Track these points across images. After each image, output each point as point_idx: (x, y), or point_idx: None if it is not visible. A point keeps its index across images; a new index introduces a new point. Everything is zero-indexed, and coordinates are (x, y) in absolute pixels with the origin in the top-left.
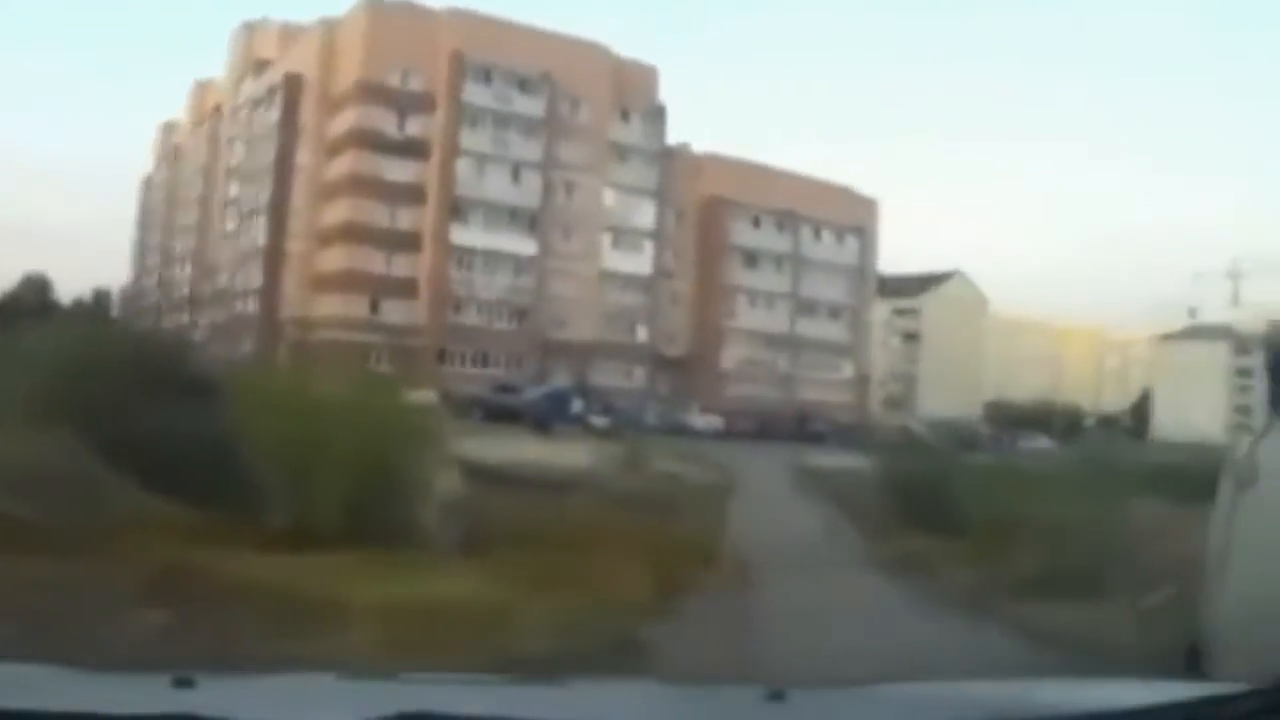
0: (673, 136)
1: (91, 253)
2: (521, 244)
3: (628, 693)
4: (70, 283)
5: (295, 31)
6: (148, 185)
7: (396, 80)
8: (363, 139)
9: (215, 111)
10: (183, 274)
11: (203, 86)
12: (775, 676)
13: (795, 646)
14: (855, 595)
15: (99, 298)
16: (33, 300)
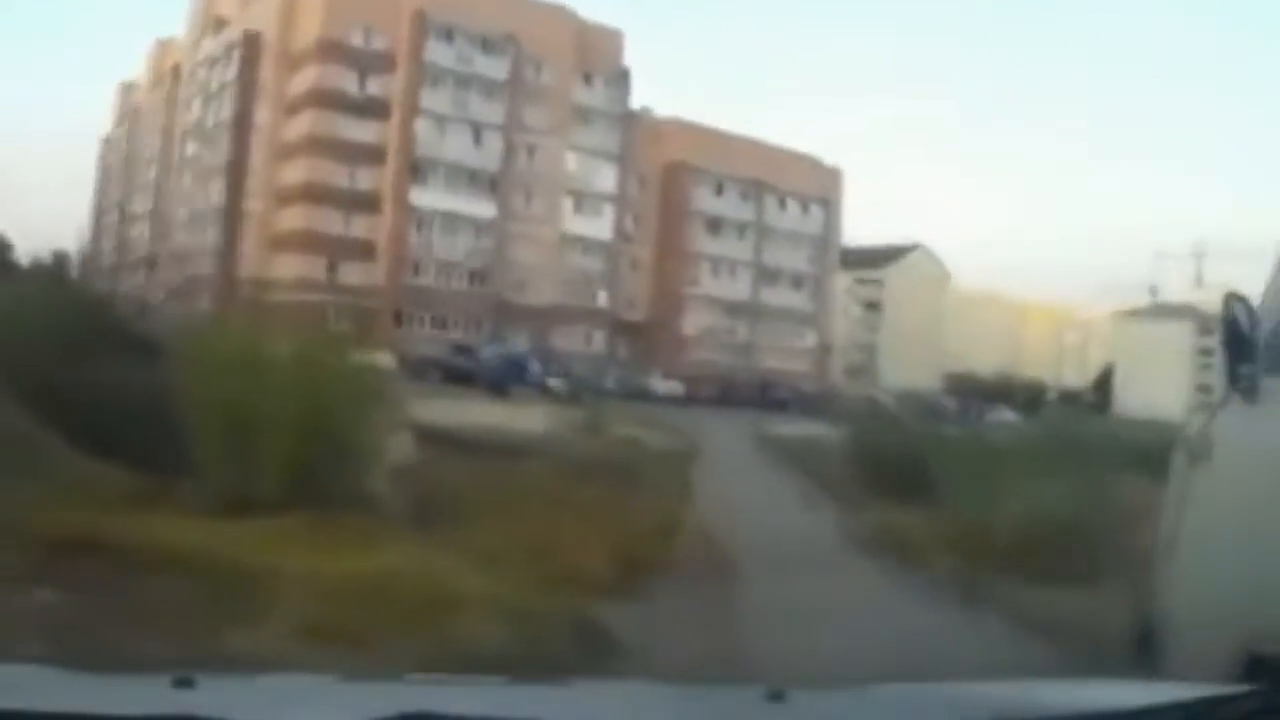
0: (637, 102)
1: (55, 213)
2: (481, 206)
3: (627, 693)
4: (33, 242)
5: None
6: (107, 145)
7: (357, 39)
8: (322, 98)
9: (174, 71)
10: (141, 234)
11: (163, 46)
12: (762, 673)
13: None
14: (836, 574)
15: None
16: None
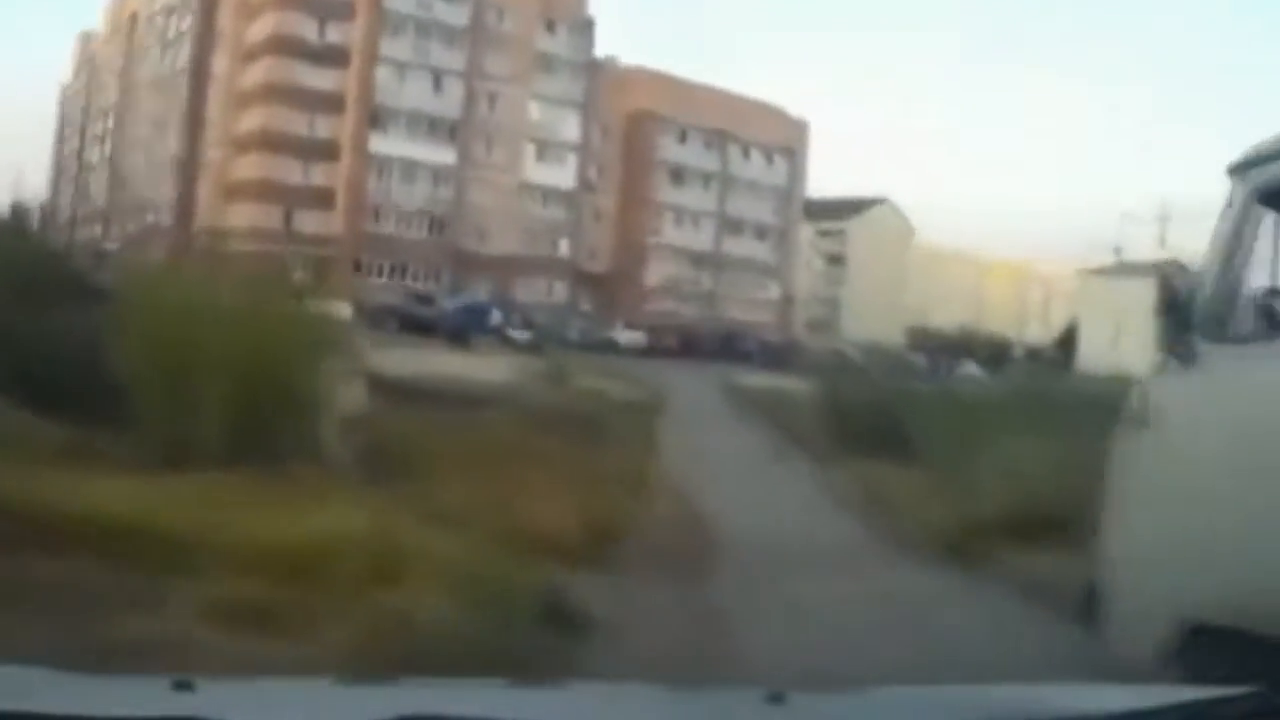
0: (601, 52)
1: (15, 165)
2: (442, 154)
3: (626, 695)
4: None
5: None
6: (65, 96)
7: None
8: (281, 45)
9: (132, 19)
10: (99, 185)
11: None
12: (748, 650)
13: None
14: (817, 534)
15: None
16: None
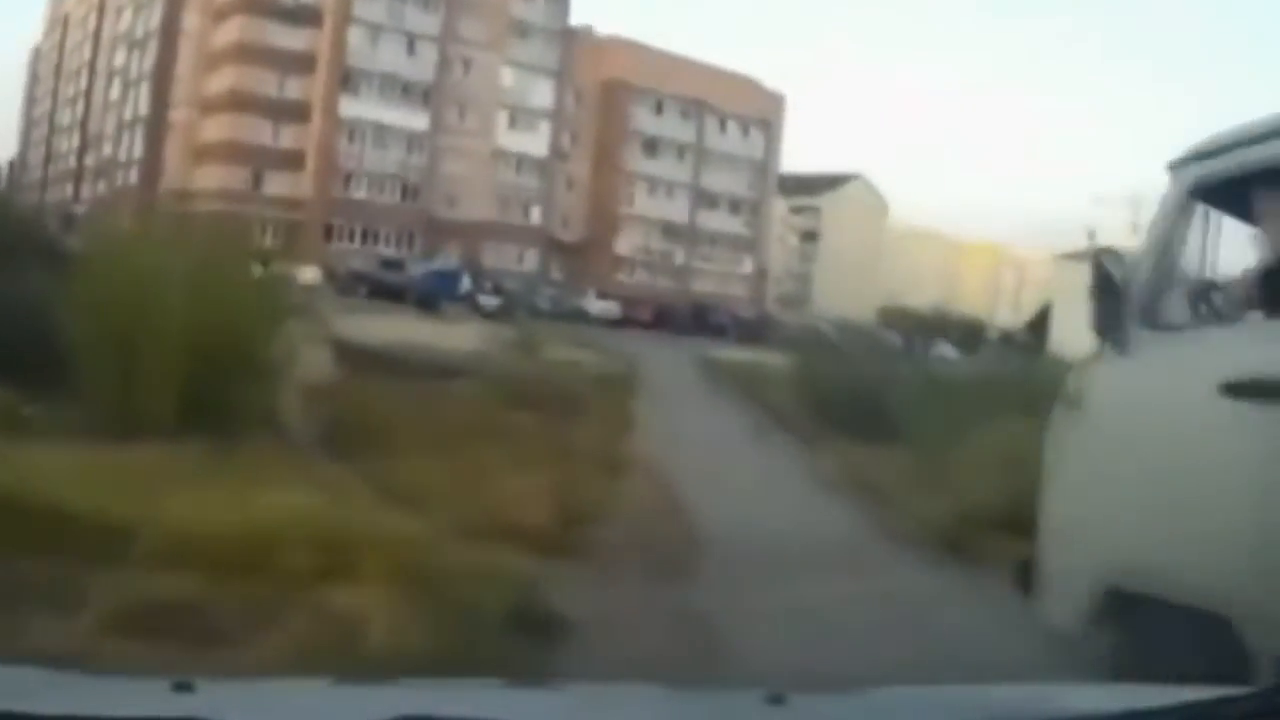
0: (577, 20)
1: None
2: (414, 118)
3: (626, 695)
4: None
5: None
6: (36, 55)
7: None
8: (252, 4)
9: None
10: (70, 146)
11: None
12: (738, 649)
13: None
14: (808, 521)
15: None
16: None
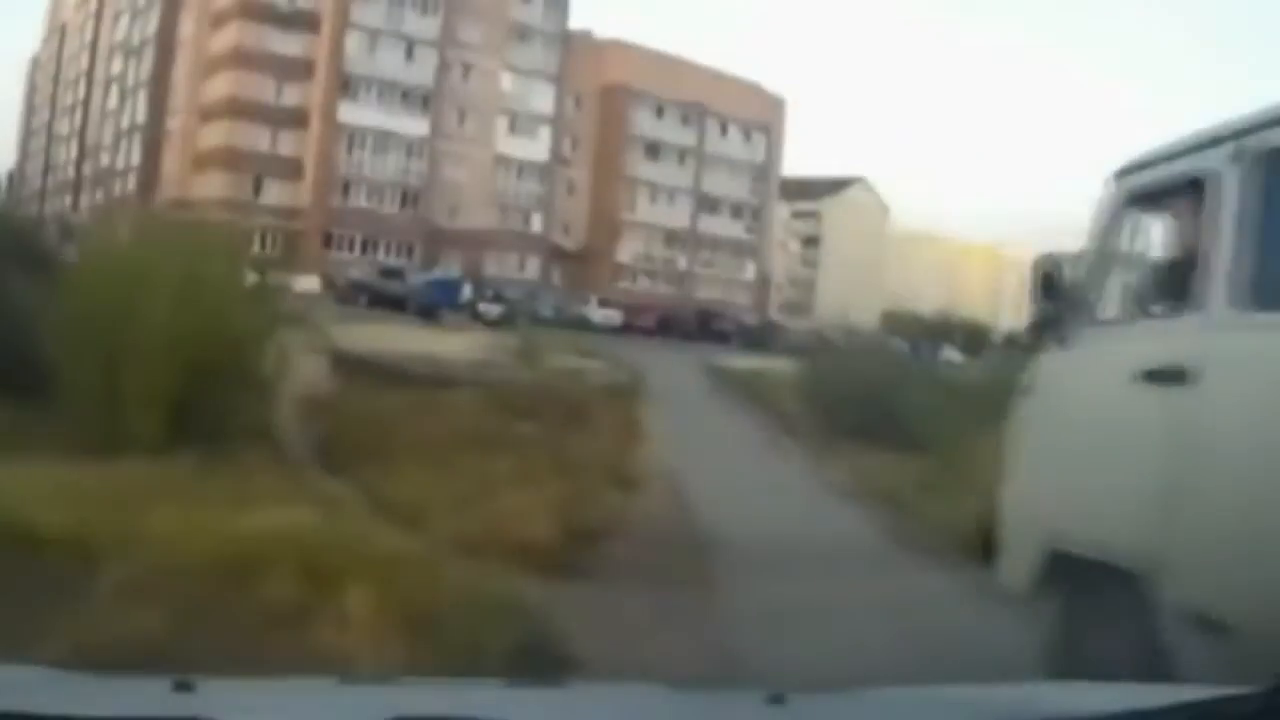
0: (576, 25)
1: None
2: (414, 125)
3: (625, 696)
4: None
5: None
6: (35, 64)
7: None
8: (249, 10)
9: None
10: (68, 155)
11: None
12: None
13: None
14: (825, 534)
15: None
16: None
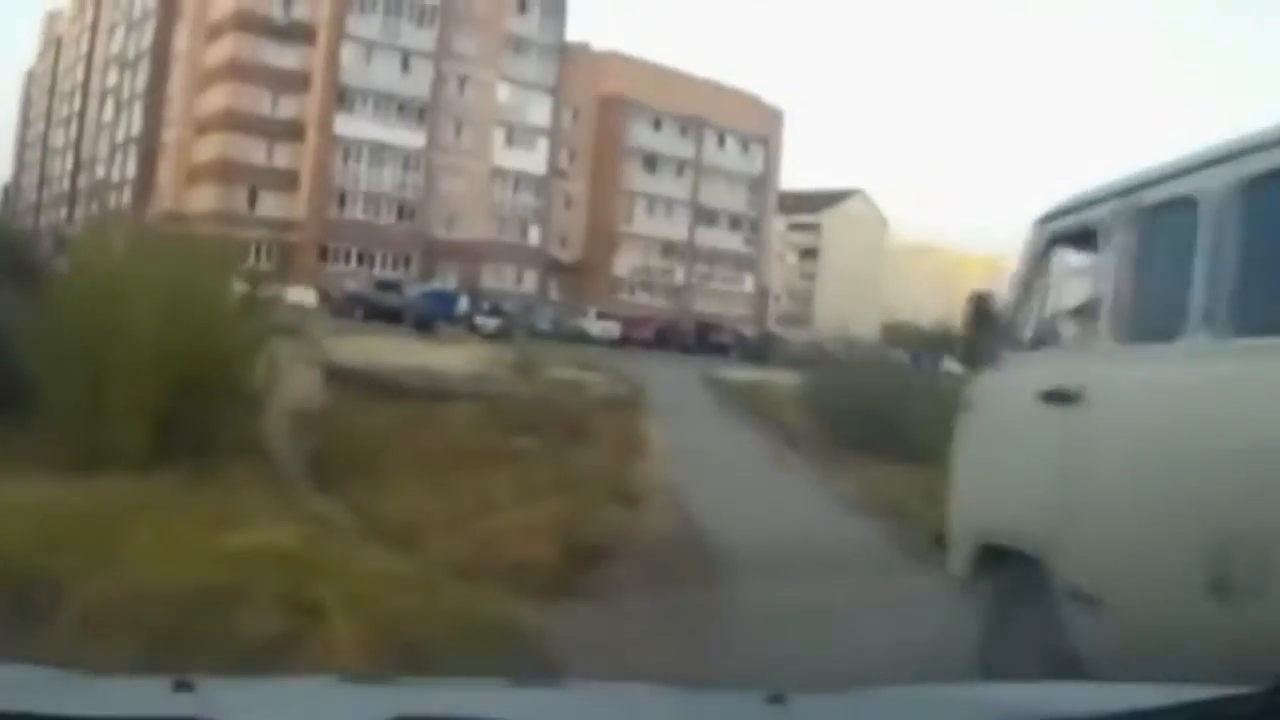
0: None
1: None
2: (410, 137)
3: (626, 695)
4: None
5: None
6: (30, 78)
7: None
8: (245, 22)
9: None
10: (63, 167)
11: None
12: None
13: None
14: (839, 552)
15: None
16: None
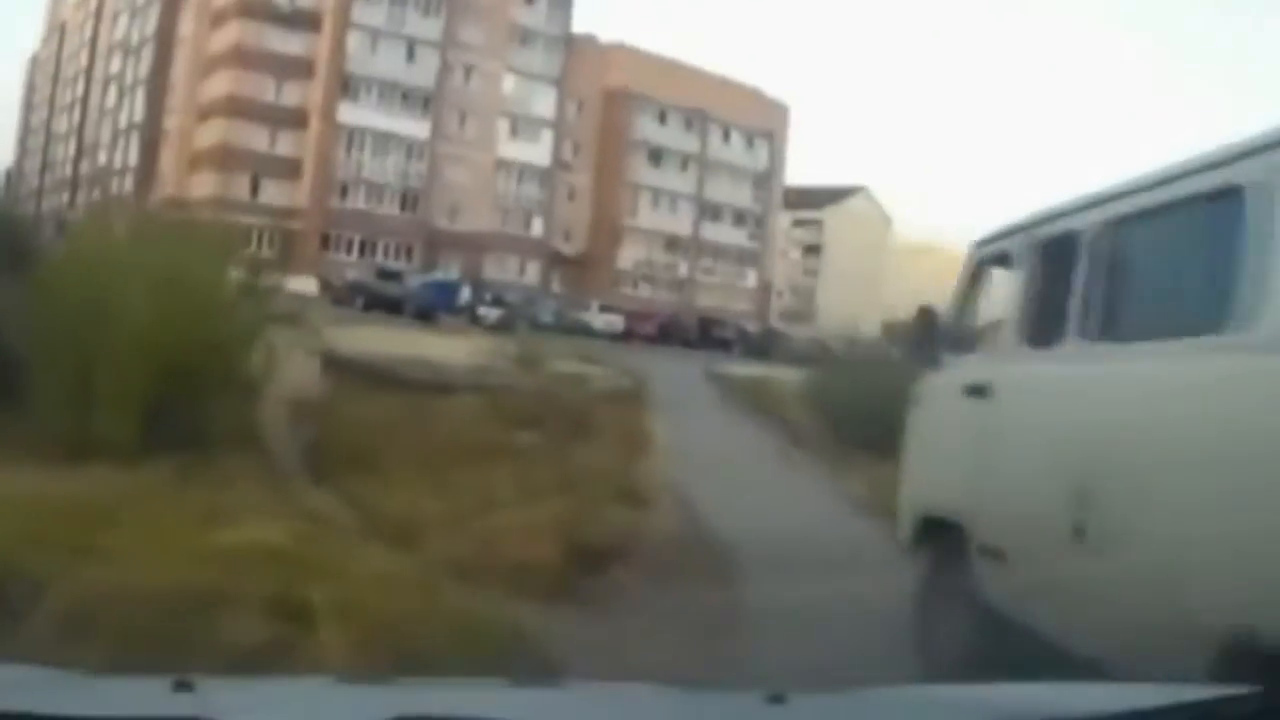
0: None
1: None
2: (414, 126)
3: (626, 695)
4: None
5: None
6: (34, 63)
7: None
8: (249, 8)
9: None
10: (65, 153)
11: None
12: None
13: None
14: (855, 555)
15: None
16: None
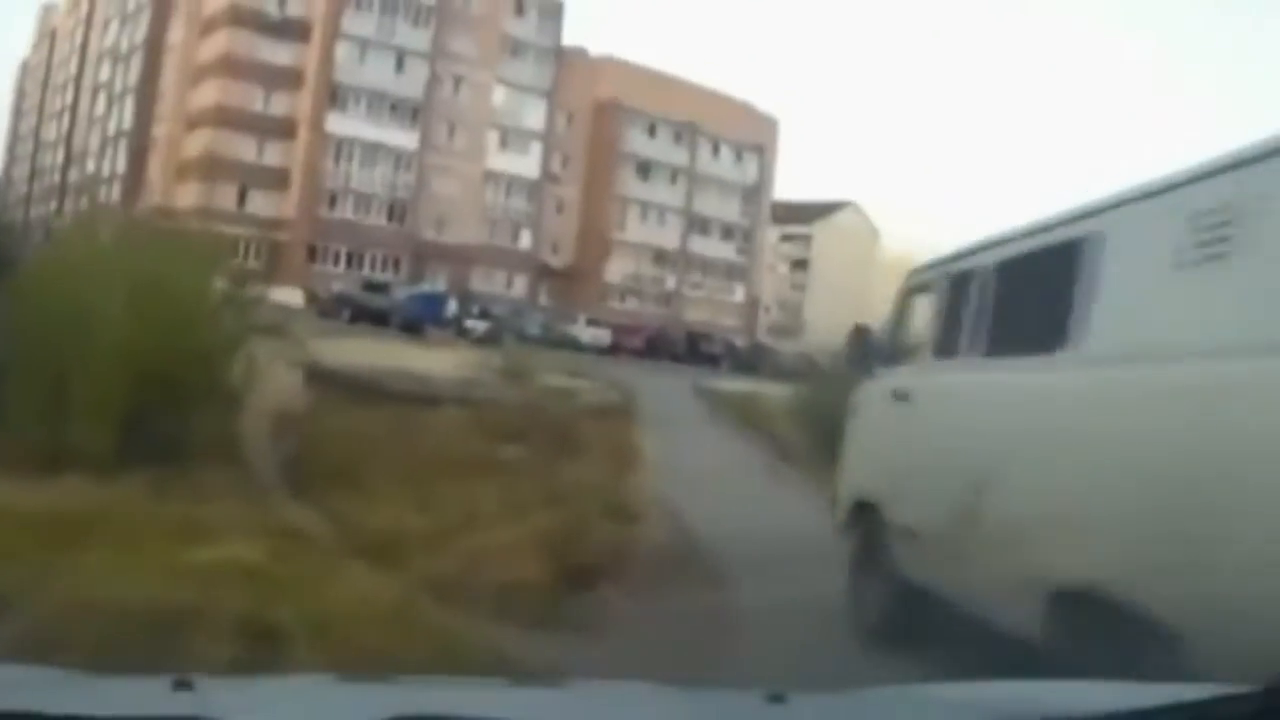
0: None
1: None
2: (403, 137)
3: (626, 695)
4: None
5: None
6: (24, 70)
7: None
8: (239, 17)
9: None
10: (54, 160)
11: None
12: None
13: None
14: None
15: None
16: None
